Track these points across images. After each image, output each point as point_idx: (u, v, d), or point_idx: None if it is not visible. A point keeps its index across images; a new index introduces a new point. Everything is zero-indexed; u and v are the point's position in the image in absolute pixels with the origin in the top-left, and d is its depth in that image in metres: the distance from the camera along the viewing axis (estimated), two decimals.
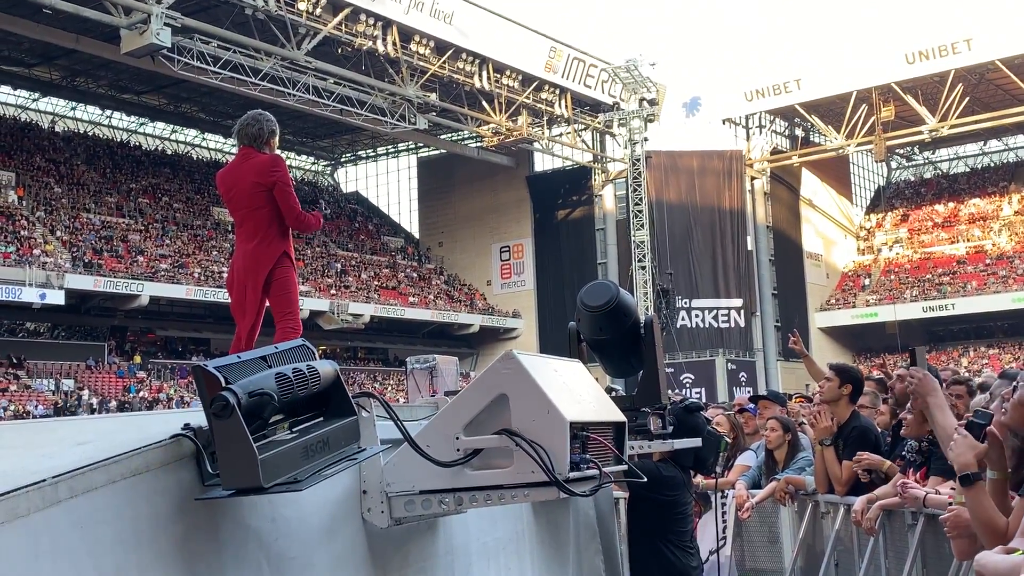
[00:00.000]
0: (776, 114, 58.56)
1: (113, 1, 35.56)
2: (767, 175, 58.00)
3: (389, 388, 48.31)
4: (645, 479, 3.59)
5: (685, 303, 53.91)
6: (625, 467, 3.18)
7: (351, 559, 2.91)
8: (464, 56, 46.70)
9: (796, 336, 8.66)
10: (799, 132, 60.08)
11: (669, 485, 4.91)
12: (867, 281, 61.00)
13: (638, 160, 52.82)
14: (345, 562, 2.88)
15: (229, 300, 5.66)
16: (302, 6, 40.08)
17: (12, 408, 35.22)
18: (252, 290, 5.41)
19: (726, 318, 54.86)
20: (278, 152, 5.68)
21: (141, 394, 40.55)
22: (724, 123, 58.41)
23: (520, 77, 49.51)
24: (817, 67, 54.02)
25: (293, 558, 2.61)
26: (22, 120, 51.81)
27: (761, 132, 59.27)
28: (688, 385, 48.67)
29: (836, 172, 63.06)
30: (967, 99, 50.88)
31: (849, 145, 55.61)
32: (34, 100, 52.82)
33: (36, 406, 36.09)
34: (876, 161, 64.13)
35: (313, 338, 48.40)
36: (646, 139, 53.61)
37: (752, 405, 7.68)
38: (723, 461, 6.62)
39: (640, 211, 52.47)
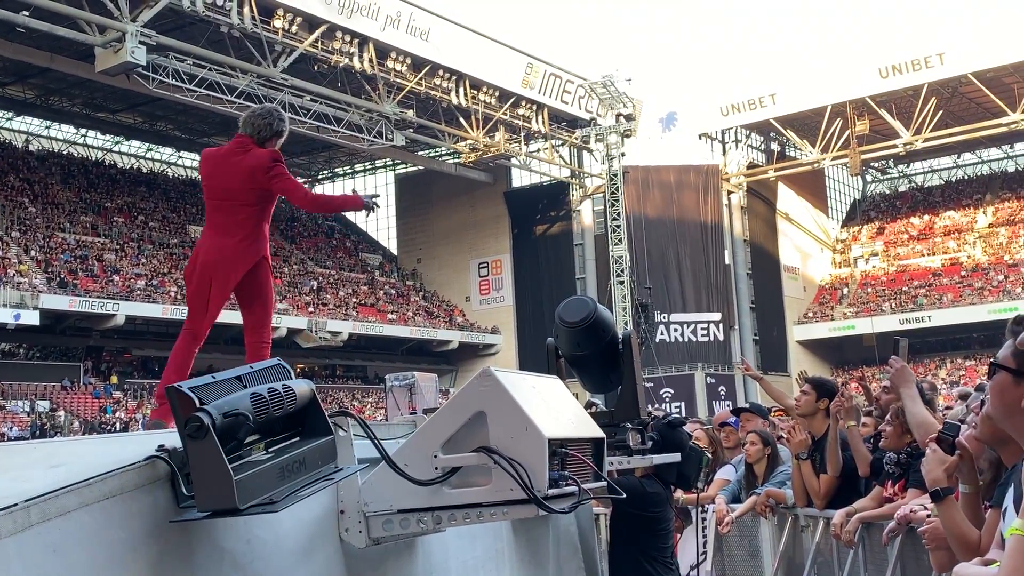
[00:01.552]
0: (752, 128, 58.99)
1: (88, 19, 35.45)
2: (744, 189, 58.34)
3: (368, 406, 48.13)
4: (624, 495, 3.57)
5: (664, 317, 54.08)
6: (604, 483, 3.18)
7: None
8: (441, 72, 46.82)
9: (746, 363, 8.87)
10: (775, 146, 60.56)
11: (652, 501, 4.90)
12: (844, 294, 61.40)
13: (615, 175, 53.02)
14: None
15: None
16: (278, 23, 40.09)
17: None
18: (220, 288, 5.13)
19: (705, 332, 55.04)
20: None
21: (118, 414, 40.21)
22: (700, 138, 58.79)
23: (497, 93, 49.65)
24: (792, 82, 54.53)
25: None
26: None
27: (737, 147, 59.67)
28: (668, 399, 48.74)
29: (812, 186, 63.54)
30: (940, 112, 51.45)
31: (825, 159, 56.07)
32: (8, 119, 52.49)
33: (11, 428, 35.71)
34: (851, 175, 64.67)
35: (291, 356, 48.58)
36: (623, 154, 53.84)
37: (734, 419, 7.67)
38: (704, 476, 6.62)
39: (618, 226, 52.62)
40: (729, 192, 58.10)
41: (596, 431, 3.22)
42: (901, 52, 51.95)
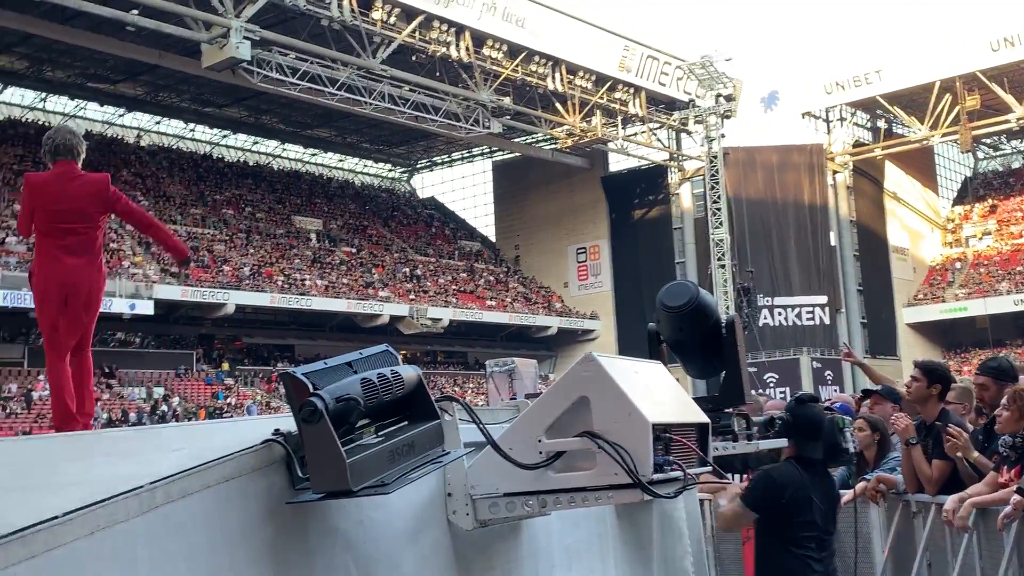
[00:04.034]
0: (857, 106, 57.38)
1: (194, 17, 36.45)
2: (849, 169, 56.90)
3: (469, 391, 48.58)
4: (728, 477, 3.53)
5: (767, 301, 53.12)
6: (709, 468, 3.16)
7: (436, 561, 2.95)
8: (537, 58, 46.79)
9: (849, 349, 8.57)
10: (881, 124, 58.75)
11: (784, 487, 4.65)
12: (955, 275, 59.38)
13: (715, 157, 52.27)
14: (430, 563, 2.91)
15: (49, 308, 5.59)
16: (376, 15, 40.60)
17: (106, 416, 36.30)
18: (93, 306, 5.66)
19: (810, 315, 53.94)
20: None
21: (229, 400, 41.45)
22: (804, 117, 57.45)
23: (594, 77, 49.38)
24: (898, 57, 52.81)
25: (380, 560, 2.65)
26: (109, 135, 53.40)
27: (842, 125, 58.14)
28: (772, 385, 47.94)
29: (920, 164, 61.51)
30: None
31: (934, 136, 54.23)
32: (120, 115, 54.40)
33: (129, 413, 37.15)
34: (962, 152, 62.37)
35: (393, 343, 48.91)
36: (723, 135, 53.06)
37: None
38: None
39: (718, 209, 51.91)
40: (834, 172, 56.71)
41: (701, 416, 3.21)
42: (1013, 24, 49.81)
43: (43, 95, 51.10)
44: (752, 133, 55.16)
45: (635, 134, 55.17)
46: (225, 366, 45.05)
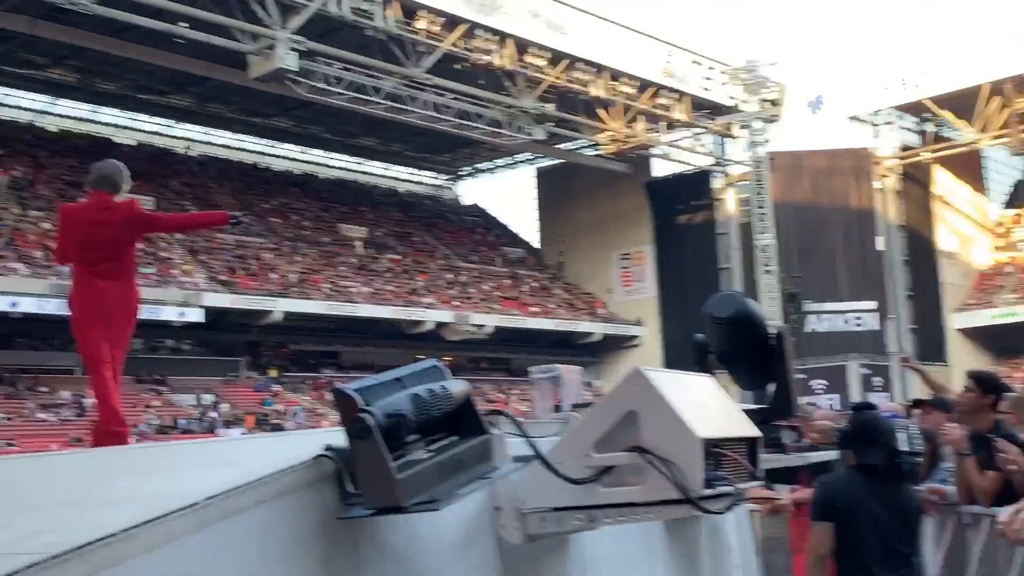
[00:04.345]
0: (904, 109, 56.56)
1: (241, 29, 36.93)
2: (897, 173, 56.12)
3: (513, 398, 48.60)
4: (777, 492, 3.51)
5: (815, 307, 52.53)
6: (760, 482, 3.14)
7: (485, 574, 2.95)
8: (580, 65, 46.77)
9: (906, 357, 8.44)
10: (929, 127, 57.90)
11: (843, 494, 4.56)
12: (1006, 279, 58.32)
13: (760, 162, 51.89)
14: None
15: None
16: (420, 25, 40.86)
17: (156, 422, 36.83)
18: (129, 326, 5.95)
19: (858, 321, 53.28)
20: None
21: (276, 407, 41.84)
22: (850, 120, 56.80)
23: (637, 83, 49.24)
24: (946, 59, 52.01)
25: (429, 574, 2.66)
26: (159, 146, 54.23)
27: (889, 128, 57.38)
28: (820, 392, 47.36)
29: (970, 167, 60.48)
30: None
31: (983, 139, 53.33)
32: (170, 126, 55.22)
33: (178, 420, 37.65)
34: (1012, 155, 61.25)
35: (438, 349, 49.54)
36: (768, 140, 52.65)
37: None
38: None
39: (764, 214, 51.49)
40: (882, 176, 55.99)
41: (751, 429, 3.18)
42: None
43: (95, 107, 52.04)
44: (798, 137, 54.79)
45: (679, 139, 54.92)
46: (273, 372, 45.49)
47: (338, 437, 2.37)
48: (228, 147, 57.90)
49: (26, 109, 50.37)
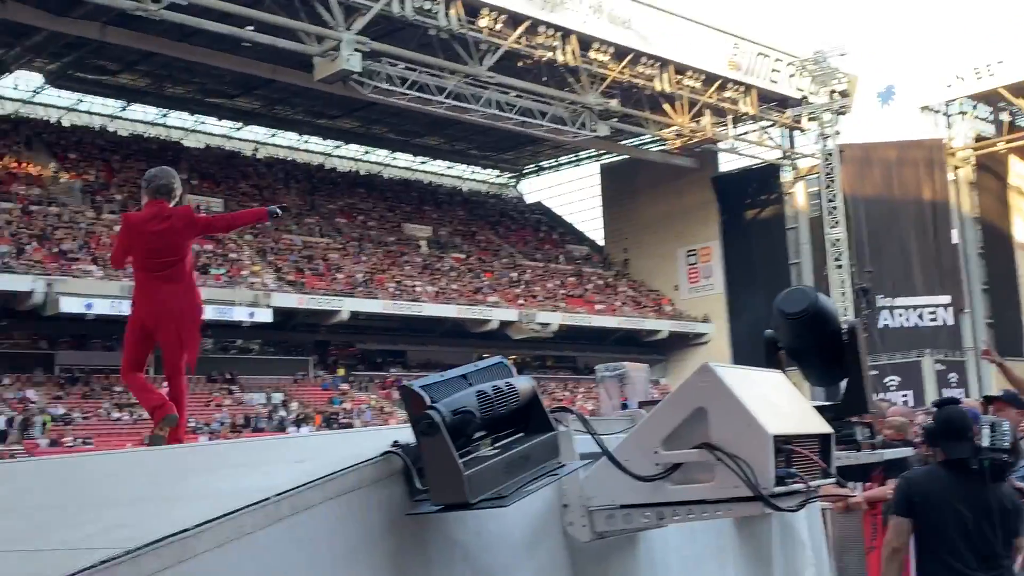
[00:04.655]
0: (978, 99, 55.21)
1: (306, 31, 37.38)
2: (971, 164, 54.79)
3: (579, 396, 48.51)
4: (850, 489, 3.44)
5: (887, 302, 51.53)
6: (832, 480, 3.08)
7: (553, 572, 2.94)
8: (644, 60, 46.47)
9: (987, 349, 8.20)
10: (1004, 117, 56.41)
11: (924, 492, 4.45)
12: None
13: (830, 154, 51.08)
14: (547, 575, 2.91)
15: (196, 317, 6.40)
16: (483, 23, 40.95)
17: (229, 420, 37.50)
18: (193, 325, 6.26)
19: (933, 316, 52.15)
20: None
21: (344, 405, 42.32)
22: (922, 111, 55.57)
23: (703, 77, 48.77)
24: (1021, 47, 50.58)
25: (497, 571, 2.65)
26: (227, 149, 55.19)
27: (963, 119, 56.03)
28: (894, 388, 46.50)
29: None
30: None
31: None
32: (237, 129, 56.16)
33: (250, 419, 38.30)
34: None
35: (503, 348, 49.66)
36: (838, 132, 51.81)
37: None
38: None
39: (834, 207, 50.68)
40: (955, 167, 54.72)
41: (823, 426, 3.13)
42: None
43: (164, 111, 53.18)
44: (868, 129, 53.53)
45: (746, 133, 54.29)
46: (340, 371, 46.03)
47: (406, 434, 2.37)
48: (294, 148, 58.72)
49: (98, 114, 51.66)
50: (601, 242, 65.59)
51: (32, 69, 47.15)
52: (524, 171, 68.36)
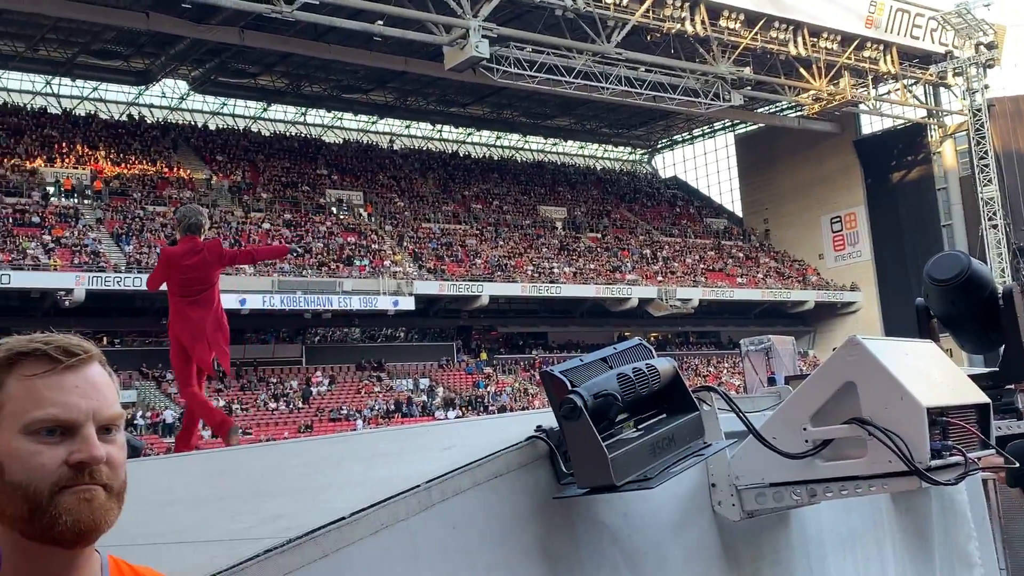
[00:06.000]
0: None
1: (434, 21, 37.84)
2: None
3: (724, 371, 47.79)
4: (1017, 464, 3.30)
5: None
6: (992, 451, 2.96)
7: (703, 552, 2.92)
8: (776, 24, 45.20)
9: None
10: None
11: None
12: None
13: (979, 110, 48.67)
14: (698, 555, 2.89)
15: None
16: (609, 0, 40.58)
17: (378, 407, 38.53)
18: (223, 343, 7.23)
19: None
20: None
21: (489, 388, 42.88)
22: None
23: (839, 38, 47.12)
24: None
25: (647, 552, 2.65)
26: (364, 142, 56.51)
27: None
28: None
29: None
30: None
31: None
32: (372, 122, 57.44)
33: (399, 404, 39.23)
34: None
35: (644, 325, 49.23)
36: (987, 86, 49.31)
37: None
38: None
39: (986, 165, 48.31)
40: None
41: (980, 396, 3.00)
42: None
43: (303, 109, 54.82)
44: (1019, 81, 50.86)
45: (888, 93, 52.23)
46: (483, 355, 46.63)
47: (548, 418, 2.40)
48: (428, 138, 59.65)
49: (242, 116, 53.68)
50: (740, 214, 64.31)
51: (177, 77, 49.35)
52: (657, 146, 67.61)
